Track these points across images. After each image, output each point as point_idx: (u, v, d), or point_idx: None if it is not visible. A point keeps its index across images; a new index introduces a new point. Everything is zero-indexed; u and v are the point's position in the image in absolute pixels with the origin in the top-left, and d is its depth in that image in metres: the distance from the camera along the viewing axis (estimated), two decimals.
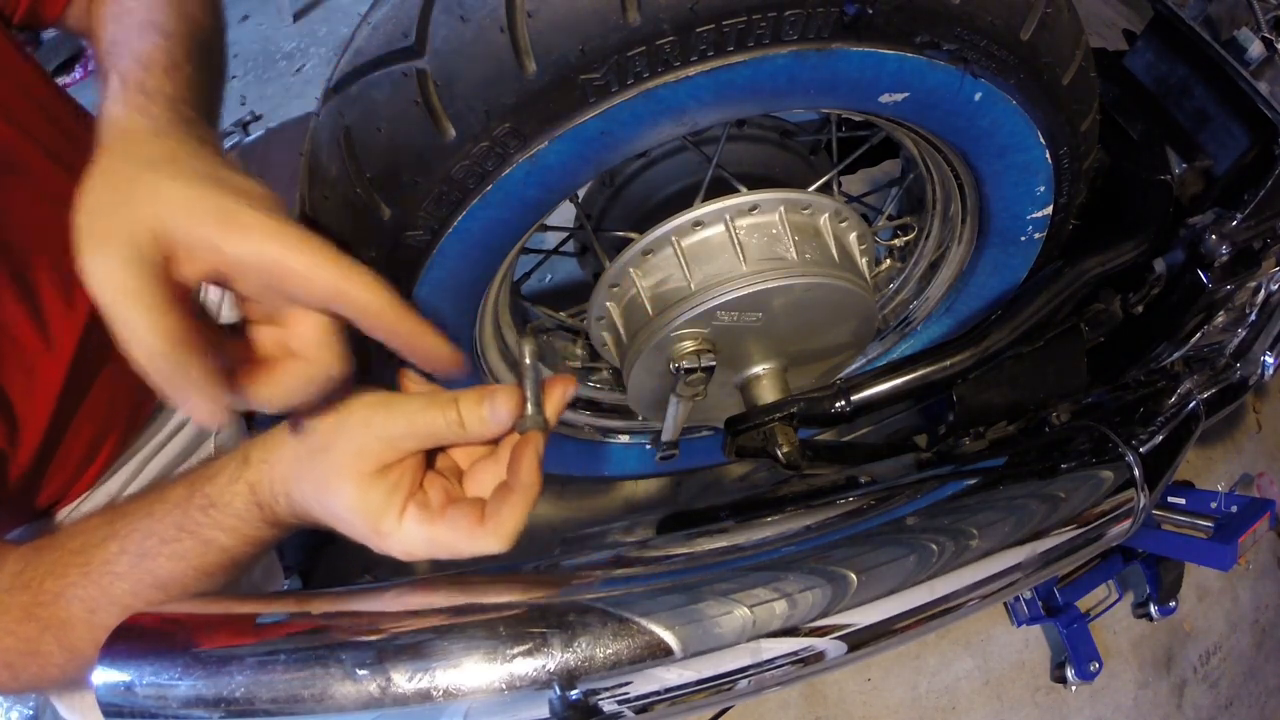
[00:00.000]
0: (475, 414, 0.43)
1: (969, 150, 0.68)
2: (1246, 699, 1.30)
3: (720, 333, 0.71)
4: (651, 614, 0.56)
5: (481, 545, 0.43)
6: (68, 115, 0.62)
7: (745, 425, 0.77)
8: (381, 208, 0.55)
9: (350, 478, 0.42)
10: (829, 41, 0.52)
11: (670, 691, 0.56)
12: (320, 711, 0.52)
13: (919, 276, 0.92)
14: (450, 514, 0.43)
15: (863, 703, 1.22)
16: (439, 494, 0.45)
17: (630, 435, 1.01)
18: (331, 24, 2.22)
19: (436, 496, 0.45)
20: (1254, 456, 1.48)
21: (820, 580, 0.60)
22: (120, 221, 0.34)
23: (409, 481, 0.44)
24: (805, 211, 0.71)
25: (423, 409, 0.43)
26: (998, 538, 0.67)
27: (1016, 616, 1.26)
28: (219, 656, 0.52)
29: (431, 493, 0.45)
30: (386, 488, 0.43)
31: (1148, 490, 0.74)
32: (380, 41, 0.51)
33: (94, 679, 0.52)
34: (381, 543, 0.44)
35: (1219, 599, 1.35)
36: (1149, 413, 0.85)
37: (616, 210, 0.87)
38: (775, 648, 0.58)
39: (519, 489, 0.43)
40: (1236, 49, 0.74)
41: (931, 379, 0.78)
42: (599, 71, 0.49)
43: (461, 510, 0.43)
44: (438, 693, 0.52)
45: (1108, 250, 0.81)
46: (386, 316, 0.38)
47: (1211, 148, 0.79)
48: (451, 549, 0.44)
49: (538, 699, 0.54)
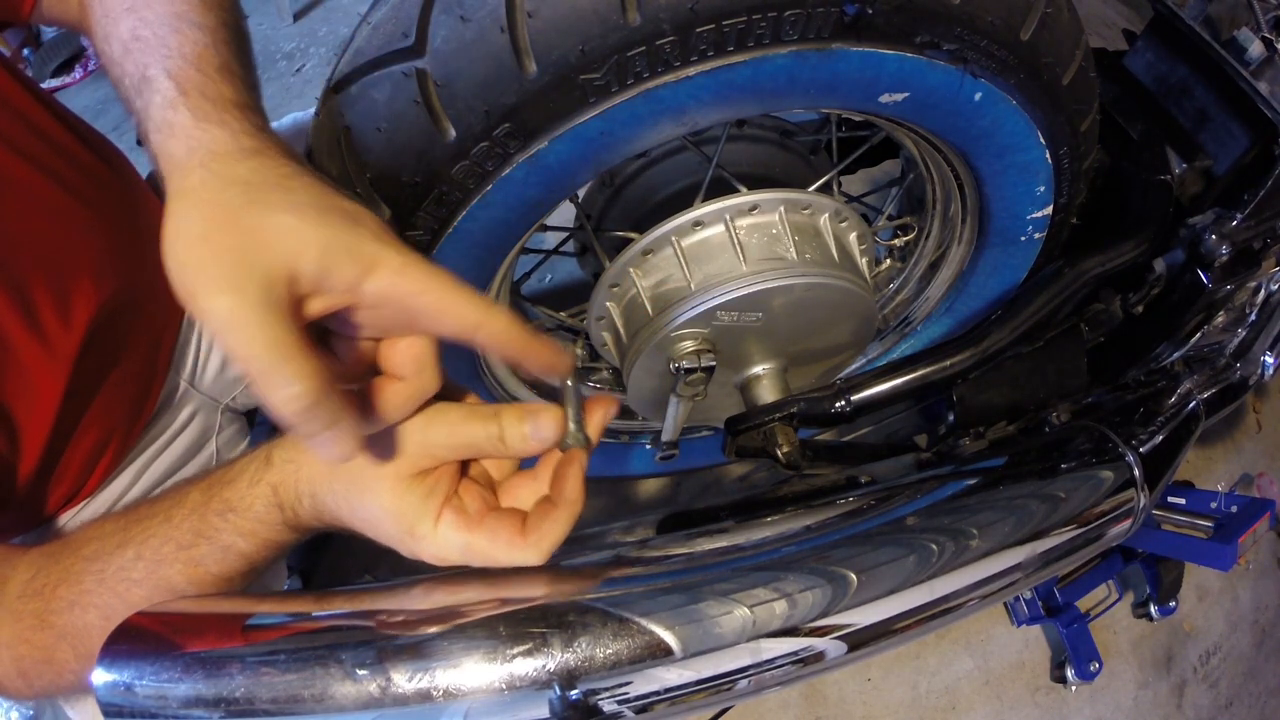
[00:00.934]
0: (517, 431, 0.43)
1: (969, 150, 0.68)
2: (1246, 699, 1.30)
3: (720, 333, 0.71)
4: (651, 614, 0.56)
5: (520, 557, 0.43)
6: (55, 126, 0.61)
7: (745, 425, 0.77)
8: (381, 208, 0.55)
9: (386, 480, 0.42)
10: (829, 41, 0.52)
11: (670, 691, 0.56)
12: (320, 711, 0.52)
13: (919, 276, 0.92)
14: (489, 523, 0.43)
15: (863, 703, 1.22)
16: (476, 502, 0.45)
17: (630, 435, 1.01)
18: (331, 24, 2.22)
19: (474, 504, 0.45)
20: (1254, 456, 1.48)
21: (820, 580, 0.60)
22: (250, 265, 0.33)
23: (445, 487, 0.44)
24: (805, 211, 0.71)
25: (464, 420, 0.43)
26: (998, 538, 0.67)
27: (1016, 616, 1.26)
28: (219, 656, 0.52)
29: (468, 500, 0.45)
30: (423, 492, 0.43)
31: (1148, 490, 0.74)
32: (380, 41, 0.51)
33: (94, 679, 0.52)
34: (415, 546, 0.44)
35: (1219, 599, 1.35)
36: (1149, 413, 0.85)
37: (616, 210, 0.87)
38: (775, 648, 0.58)
39: (563, 505, 0.44)
40: (1236, 49, 0.74)
41: (931, 379, 0.78)
42: (599, 71, 0.49)
43: (502, 521, 0.43)
44: (438, 693, 0.52)
45: (1108, 250, 0.81)
46: (517, 340, 0.39)
47: (1211, 148, 0.79)
48: (488, 557, 0.44)
49: (538, 699, 0.54)
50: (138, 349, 0.68)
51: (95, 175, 0.63)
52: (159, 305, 0.70)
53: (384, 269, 0.35)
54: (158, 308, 0.70)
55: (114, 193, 0.66)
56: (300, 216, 0.35)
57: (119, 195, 0.66)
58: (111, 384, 0.65)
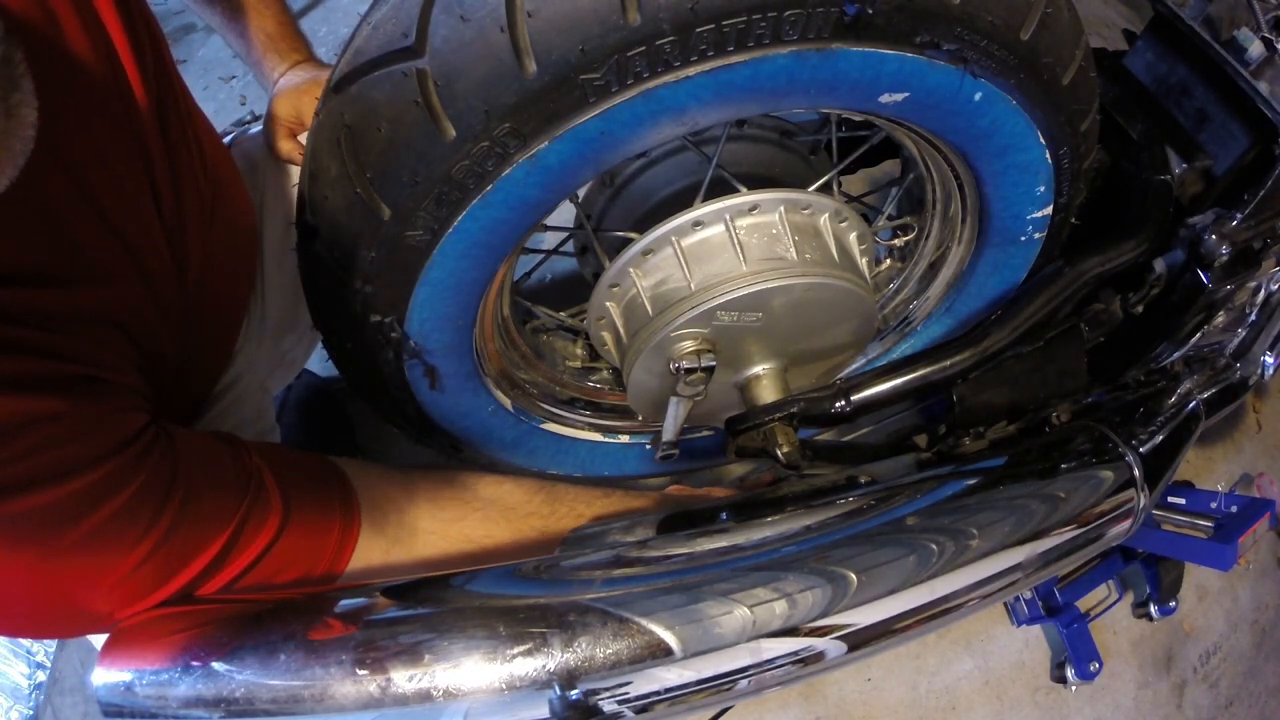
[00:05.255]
0: None
1: (969, 150, 0.68)
2: (1246, 699, 1.30)
3: (720, 333, 0.71)
4: (651, 614, 0.56)
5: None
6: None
7: (745, 425, 0.77)
8: (381, 208, 0.55)
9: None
10: (829, 41, 0.52)
11: (670, 691, 0.56)
12: (320, 711, 0.52)
13: (919, 276, 0.92)
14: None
15: (863, 703, 1.22)
16: None
17: (630, 435, 1.01)
18: (331, 24, 2.21)
19: None
20: (1254, 456, 1.48)
21: (820, 580, 0.60)
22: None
23: None
24: (805, 211, 0.71)
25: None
26: (998, 538, 0.67)
27: (1016, 616, 1.26)
28: (219, 656, 0.52)
29: None
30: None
31: (1148, 490, 0.75)
32: (380, 41, 0.51)
33: (94, 679, 0.52)
34: None
35: (1219, 599, 1.35)
36: (1149, 413, 0.85)
37: (616, 210, 0.87)
38: (775, 648, 0.58)
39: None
40: (1236, 49, 0.74)
41: (931, 379, 0.78)
42: (599, 71, 0.49)
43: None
44: (438, 693, 0.52)
45: (1108, 250, 0.81)
46: None
47: (1211, 148, 0.79)
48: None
49: (538, 699, 0.54)
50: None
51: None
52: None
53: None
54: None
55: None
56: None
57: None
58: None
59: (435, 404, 0.76)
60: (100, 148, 0.55)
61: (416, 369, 0.70)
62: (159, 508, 0.51)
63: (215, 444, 0.60)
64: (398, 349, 0.66)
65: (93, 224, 0.54)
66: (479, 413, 0.82)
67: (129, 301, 0.57)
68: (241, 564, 0.56)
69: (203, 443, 0.59)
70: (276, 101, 0.83)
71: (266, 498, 0.58)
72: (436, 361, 0.70)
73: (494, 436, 0.87)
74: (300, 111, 0.83)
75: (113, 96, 0.57)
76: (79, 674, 1.21)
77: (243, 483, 0.57)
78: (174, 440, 0.55)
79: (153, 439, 0.53)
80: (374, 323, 0.63)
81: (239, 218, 0.83)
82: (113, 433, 0.50)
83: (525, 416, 0.88)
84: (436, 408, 0.77)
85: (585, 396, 0.95)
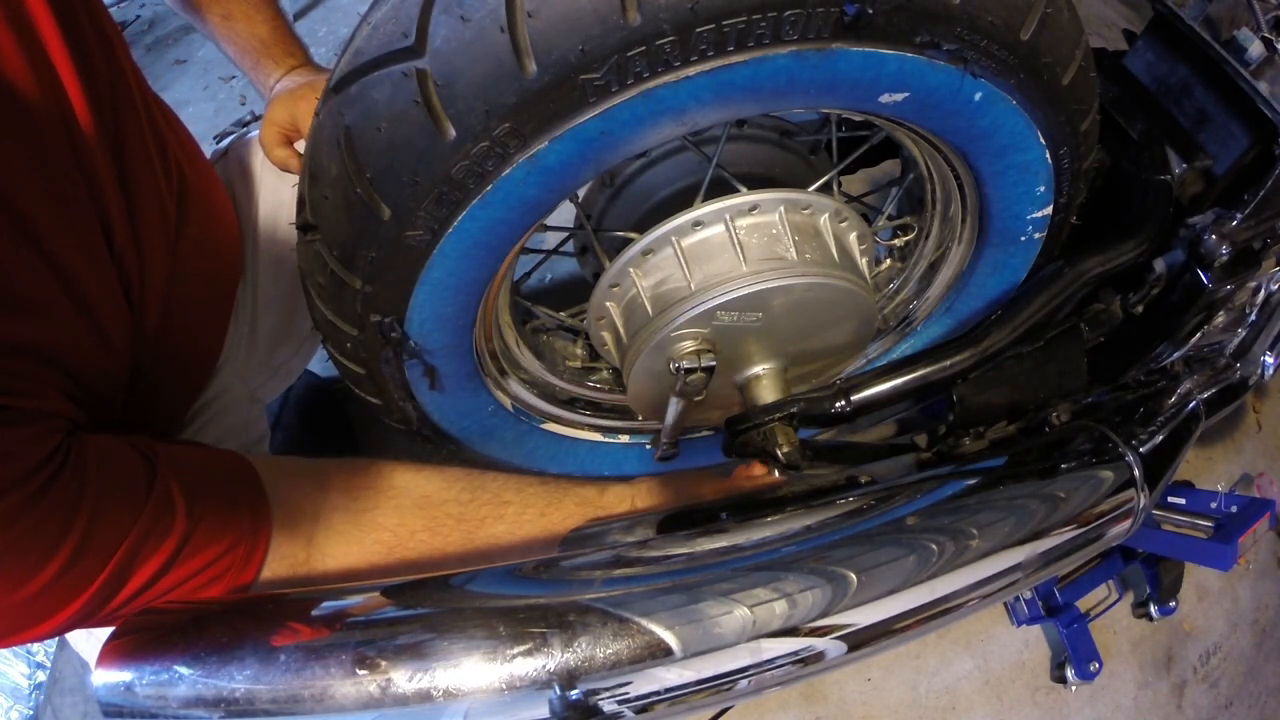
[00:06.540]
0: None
1: (969, 150, 0.68)
2: (1246, 699, 1.30)
3: (720, 333, 0.71)
4: (651, 614, 0.56)
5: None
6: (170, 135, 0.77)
7: (745, 425, 0.77)
8: (381, 208, 0.55)
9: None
10: (829, 41, 0.52)
11: (670, 691, 0.56)
12: (320, 711, 0.52)
13: (919, 276, 0.92)
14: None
15: (863, 703, 1.22)
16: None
17: (630, 435, 1.01)
18: (331, 24, 2.22)
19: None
20: (1254, 456, 1.48)
21: (820, 580, 0.60)
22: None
23: None
24: (805, 211, 0.71)
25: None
26: (998, 538, 0.67)
27: (1016, 616, 1.26)
28: (219, 656, 0.52)
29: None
30: None
31: (1148, 490, 0.75)
32: (380, 41, 0.51)
33: (94, 679, 0.52)
34: None
35: (1219, 599, 1.35)
36: (1149, 413, 0.85)
37: (616, 210, 0.87)
38: (775, 648, 0.58)
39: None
40: (1236, 49, 0.74)
41: (931, 379, 0.78)
42: (599, 71, 0.49)
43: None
44: (438, 693, 0.52)
45: (1108, 250, 0.81)
46: None
47: (1211, 148, 0.79)
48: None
49: (538, 699, 0.54)
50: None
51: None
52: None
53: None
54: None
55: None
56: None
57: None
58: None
59: (435, 404, 0.76)
60: (38, 176, 0.53)
61: (416, 369, 0.70)
62: (62, 533, 0.50)
63: (130, 456, 0.58)
64: (398, 349, 0.66)
65: (26, 254, 0.52)
66: (479, 413, 0.82)
67: (62, 333, 0.56)
68: (141, 579, 0.55)
69: (117, 454, 0.57)
70: (272, 107, 0.83)
71: (171, 514, 0.56)
72: (436, 362, 0.70)
73: (494, 436, 0.87)
74: (295, 117, 0.82)
75: (53, 122, 0.55)
76: (79, 674, 1.21)
77: (149, 497, 0.56)
78: (86, 461, 0.53)
79: (60, 464, 0.51)
80: (374, 323, 0.63)
81: (215, 229, 0.81)
82: (20, 460, 0.49)
83: (525, 416, 0.88)
84: (436, 408, 0.77)
85: (585, 396, 0.95)
